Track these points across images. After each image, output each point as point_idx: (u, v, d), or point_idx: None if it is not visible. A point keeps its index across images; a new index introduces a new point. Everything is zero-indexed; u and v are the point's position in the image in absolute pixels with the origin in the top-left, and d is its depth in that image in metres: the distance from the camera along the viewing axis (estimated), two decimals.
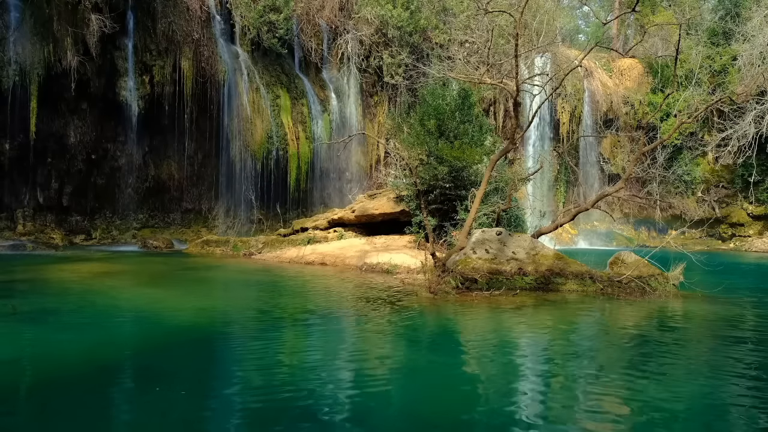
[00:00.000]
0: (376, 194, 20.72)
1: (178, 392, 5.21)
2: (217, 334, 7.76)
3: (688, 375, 6.00)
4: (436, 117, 17.56)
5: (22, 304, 9.15)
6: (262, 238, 20.44)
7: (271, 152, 24.17)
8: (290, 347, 7.01)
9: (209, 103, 23.35)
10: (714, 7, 29.98)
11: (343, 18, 26.69)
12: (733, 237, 29.01)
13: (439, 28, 27.21)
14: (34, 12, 19.70)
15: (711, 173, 29.34)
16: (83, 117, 21.86)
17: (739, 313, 9.89)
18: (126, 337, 7.49)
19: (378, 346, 7.10)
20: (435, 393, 5.33)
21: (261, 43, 24.58)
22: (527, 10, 16.67)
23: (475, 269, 11.17)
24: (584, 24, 47.40)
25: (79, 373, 5.70)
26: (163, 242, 21.55)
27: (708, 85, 27.85)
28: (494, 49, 21.78)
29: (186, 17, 22.79)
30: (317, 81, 26.55)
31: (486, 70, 14.84)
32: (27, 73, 19.75)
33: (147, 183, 23.82)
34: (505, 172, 17.63)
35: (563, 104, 29.65)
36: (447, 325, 8.72)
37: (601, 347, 7.43)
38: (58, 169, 21.87)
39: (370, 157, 27.68)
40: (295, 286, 12.91)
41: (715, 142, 26.77)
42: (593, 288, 11.18)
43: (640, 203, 28.36)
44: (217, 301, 10.84)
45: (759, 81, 25.82)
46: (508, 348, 7.28)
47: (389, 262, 14.62)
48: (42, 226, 21.77)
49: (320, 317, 8.96)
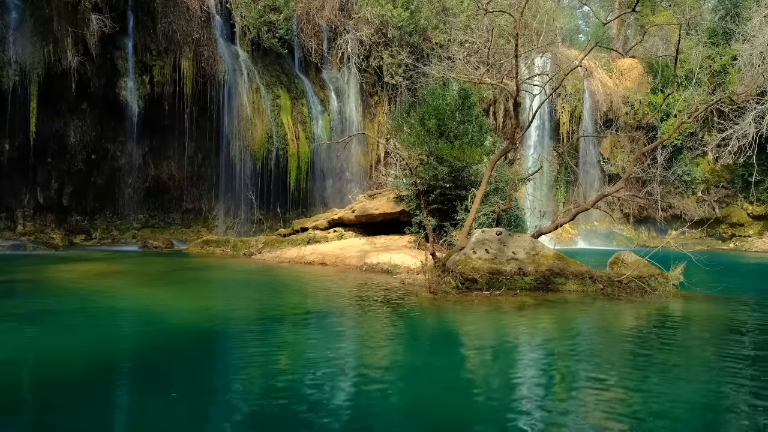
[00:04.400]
0: (376, 194, 20.71)
1: (177, 392, 5.21)
2: (217, 334, 7.76)
3: (688, 375, 6.00)
4: (436, 117, 17.56)
5: (22, 304, 9.15)
6: (262, 238, 20.43)
7: (271, 152, 24.17)
8: (290, 347, 7.01)
9: (209, 103, 23.34)
10: (714, 7, 29.96)
11: (343, 18, 26.69)
12: (733, 237, 29.00)
13: (439, 28, 27.21)
14: (34, 12, 19.69)
15: (711, 173, 29.33)
16: (83, 117, 21.85)
17: (739, 313, 9.89)
18: (126, 338, 7.49)
19: (378, 346, 7.10)
20: (435, 393, 5.33)
21: (261, 43, 24.58)
22: (527, 10, 16.67)
23: (475, 269, 11.17)
24: (584, 24, 47.44)
25: (79, 373, 5.70)
26: (163, 242, 21.54)
27: (708, 85, 27.84)
28: (494, 49, 21.78)
29: (186, 17, 22.79)
30: (317, 81, 26.55)
31: (486, 70, 14.84)
32: (27, 73, 19.74)
33: (147, 183, 23.82)
34: (505, 172, 17.64)
35: (563, 104, 29.65)
36: (447, 325, 8.72)
37: (601, 347, 7.42)
38: (58, 169, 21.86)
39: (370, 157, 27.68)
40: (295, 286, 12.91)
41: (715, 142, 26.77)
42: (593, 288, 11.18)
43: (640, 203, 28.34)
44: (217, 301, 10.84)
45: (759, 81, 25.81)
46: (508, 348, 7.28)
47: (389, 262, 14.61)
48: (42, 226, 21.76)
49: (320, 317, 8.96)
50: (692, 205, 29.20)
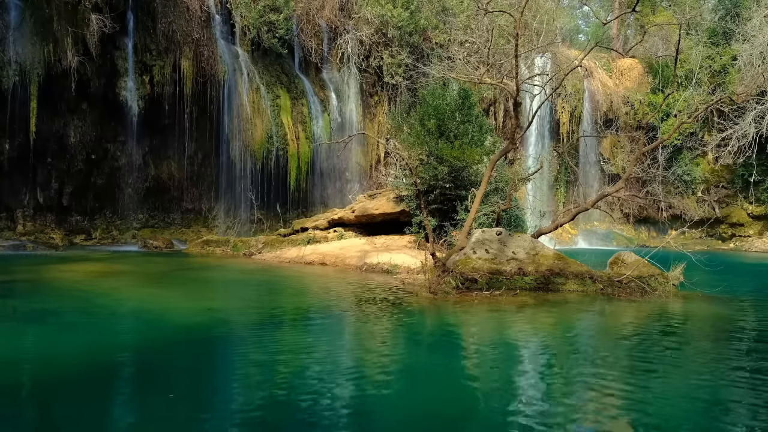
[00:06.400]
0: (376, 194, 20.72)
1: (177, 393, 5.21)
2: (217, 334, 7.75)
3: (688, 375, 6.00)
4: (436, 117, 17.56)
5: (22, 305, 9.15)
6: (262, 238, 20.43)
7: (271, 152, 24.17)
8: (290, 347, 7.01)
9: (209, 103, 23.34)
10: (714, 7, 29.96)
11: (343, 18, 26.69)
12: (733, 237, 29.00)
13: (439, 28, 27.21)
14: (34, 12, 19.69)
15: (711, 173, 29.33)
16: (83, 117, 21.85)
17: (739, 313, 9.89)
18: (126, 338, 7.49)
19: (378, 346, 7.10)
20: (435, 393, 5.33)
21: (261, 43, 24.58)
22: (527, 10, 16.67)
23: (475, 269, 11.17)
24: (584, 24, 47.41)
25: (79, 373, 5.71)
26: (163, 242, 21.54)
27: (708, 85, 27.83)
28: (494, 49, 21.78)
29: (186, 17, 22.79)
30: (317, 81, 26.55)
31: (486, 70, 14.84)
32: (27, 73, 19.74)
33: (147, 183, 23.81)
34: (505, 172, 17.64)
35: (563, 104, 29.65)
36: (447, 325, 8.72)
37: (601, 347, 7.42)
38: (58, 169, 21.86)
39: (370, 157, 27.68)
40: (295, 286, 12.91)
41: (715, 142, 26.76)
42: (593, 288, 11.18)
43: (640, 203, 28.35)
44: (217, 301, 10.84)
45: (759, 81, 25.80)
46: (508, 348, 7.28)
47: (389, 262, 14.62)
48: (42, 226, 21.76)
49: (320, 317, 8.96)
50: (692, 205, 29.19)
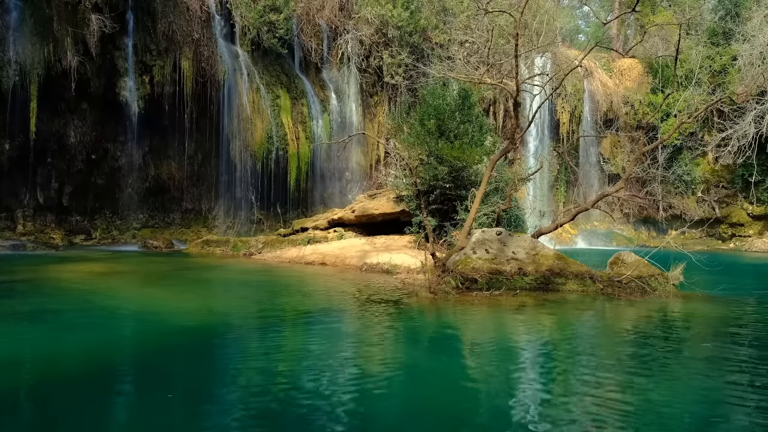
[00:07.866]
0: (376, 194, 20.72)
1: (177, 393, 5.21)
2: (216, 334, 7.75)
3: (688, 375, 6.00)
4: (436, 117, 17.56)
5: (22, 305, 9.15)
6: (262, 238, 20.43)
7: (271, 152, 24.17)
8: (290, 347, 7.01)
9: (209, 103, 23.34)
10: (714, 7, 29.97)
11: (343, 18, 26.69)
12: (733, 237, 29.00)
13: (439, 28, 27.21)
14: (34, 12, 19.69)
15: (711, 173, 29.33)
16: (83, 117, 21.86)
17: (739, 313, 9.88)
18: (126, 338, 7.50)
19: (378, 346, 7.10)
20: (435, 393, 5.33)
21: (261, 43, 24.58)
22: (527, 10, 16.67)
23: (475, 269, 11.16)
24: (584, 24, 47.40)
25: (79, 373, 5.71)
26: (163, 242, 21.54)
27: (708, 85, 27.83)
28: (494, 49, 21.80)
29: (186, 17, 22.79)
30: (317, 81, 26.55)
31: (486, 70, 14.84)
32: (27, 73, 19.74)
33: (147, 183, 23.82)
34: (505, 172, 17.64)
35: (563, 104, 29.65)
36: (447, 325, 8.72)
37: (601, 347, 7.42)
38: (58, 169, 21.87)
39: (370, 157, 27.68)
40: (295, 286, 12.90)
41: (715, 142, 26.77)
42: (593, 288, 11.18)
43: (640, 203, 28.35)
44: (217, 301, 10.83)
45: (759, 81, 25.81)
46: (508, 348, 7.28)
47: (389, 262, 14.62)
48: (42, 226, 21.76)
49: (320, 317, 8.96)
50: (692, 205, 29.19)
